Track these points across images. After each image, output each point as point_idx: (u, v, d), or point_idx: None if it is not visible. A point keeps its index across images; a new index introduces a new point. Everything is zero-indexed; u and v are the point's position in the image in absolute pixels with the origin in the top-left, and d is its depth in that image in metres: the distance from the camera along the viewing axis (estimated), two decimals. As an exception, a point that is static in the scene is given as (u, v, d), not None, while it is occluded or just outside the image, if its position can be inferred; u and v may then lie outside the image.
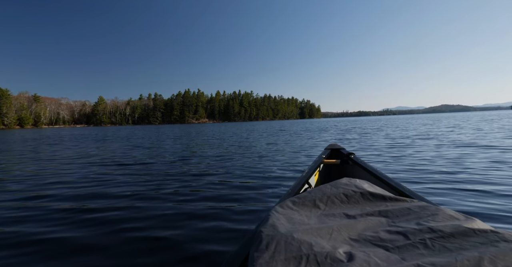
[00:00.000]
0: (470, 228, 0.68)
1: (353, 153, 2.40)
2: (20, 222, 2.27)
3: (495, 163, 4.00)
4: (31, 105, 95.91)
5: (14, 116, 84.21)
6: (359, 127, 19.45)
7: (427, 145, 6.74)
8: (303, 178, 1.76)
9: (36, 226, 2.17)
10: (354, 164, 2.29)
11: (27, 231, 2.07)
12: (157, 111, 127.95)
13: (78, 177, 4.14)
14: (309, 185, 1.85)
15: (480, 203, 2.31)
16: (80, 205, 2.69)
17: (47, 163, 5.74)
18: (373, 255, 0.62)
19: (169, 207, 2.52)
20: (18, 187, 3.58)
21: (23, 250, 1.78)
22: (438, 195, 2.57)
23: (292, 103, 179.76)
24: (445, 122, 21.63)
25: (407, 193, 1.37)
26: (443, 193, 2.64)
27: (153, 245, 1.78)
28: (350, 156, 2.37)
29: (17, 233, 2.04)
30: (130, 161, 5.74)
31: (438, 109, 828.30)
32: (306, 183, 1.78)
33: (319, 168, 2.30)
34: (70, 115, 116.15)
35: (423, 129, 13.49)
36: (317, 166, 2.16)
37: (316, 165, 2.13)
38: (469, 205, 2.28)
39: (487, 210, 2.15)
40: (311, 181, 1.95)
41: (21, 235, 2.00)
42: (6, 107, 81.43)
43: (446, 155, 4.96)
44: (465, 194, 2.57)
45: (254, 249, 0.72)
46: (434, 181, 3.12)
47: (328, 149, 2.79)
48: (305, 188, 1.74)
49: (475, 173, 3.43)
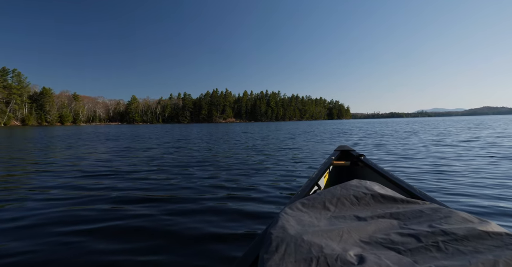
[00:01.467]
0: (485, 231, 0.67)
1: (363, 155, 2.35)
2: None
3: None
4: (71, 104, 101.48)
5: (55, 114, 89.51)
6: (381, 130, 17.12)
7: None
8: (312, 179, 1.74)
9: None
10: (364, 165, 2.24)
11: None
12: (186, 110, 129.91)
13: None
14: (318, 187, 1.83)
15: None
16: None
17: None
18: (384, 258, 0.62)
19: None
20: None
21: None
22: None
23: (320, 104, 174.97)
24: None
25: (418, 195, 1.35)
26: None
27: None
28: (360, 158, 2.32)
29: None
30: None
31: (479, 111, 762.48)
32: (316, 184, 1.77)
33: (329, 169, 2.28)
34: (106, 113, 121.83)
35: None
36: (327, 167, 2.12)
37: (325, 167, 2.10)
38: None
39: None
40: (321, 182, 1.93)
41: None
42: (49, 105, 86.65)
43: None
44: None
45: (264, 251, 0.71)
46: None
47: (338, 150, 2.68)
48: (314, 190, 1.74)
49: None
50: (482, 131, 12.73)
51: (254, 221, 2.13)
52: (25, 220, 2.17)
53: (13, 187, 3.33)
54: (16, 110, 76.72)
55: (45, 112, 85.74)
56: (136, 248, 1.70)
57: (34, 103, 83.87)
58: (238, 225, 2.05)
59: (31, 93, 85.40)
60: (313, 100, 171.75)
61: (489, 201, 2.46)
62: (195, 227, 2.01)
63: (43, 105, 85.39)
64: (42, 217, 2.23)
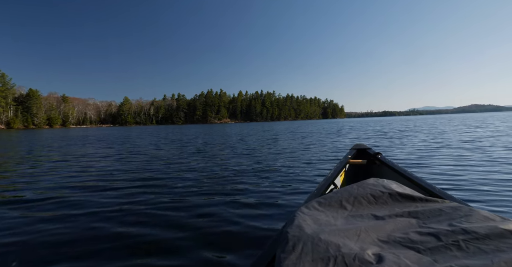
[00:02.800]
0: (507, 229, 0.65)
1: (380, 153, 2.29)
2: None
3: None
4: (60, 106, 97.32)
5: (43, 117, 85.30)
6: (375, 129, 15.91)
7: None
8: (328, 178, 1.73)
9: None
10: (381, 164, 2.20)
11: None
12: (180, 111, 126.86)
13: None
14: (335, 186, 1.82)
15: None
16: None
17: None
18: (403, 257, 0.60)
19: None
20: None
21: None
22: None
23: (315, 103, 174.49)
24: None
25: (437, 194, 1.33)
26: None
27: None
28: (377, 156, 2.27)
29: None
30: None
31: (467, 109, 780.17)
32: (332, 183, 1.76)
33: (345, 168, 2.25)
34: (97, 115, 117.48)
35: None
36: (343, 166, 2.09)
37: (342, 165, 2.07)
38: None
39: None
40: (337, 181, 1.92)
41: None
42: (36, 107, 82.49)
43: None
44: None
45: (281, 250, 0.71)
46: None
47: (354, 148, 2.63)
48: (331, 189, 1.72)
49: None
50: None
51: (269, 221, 2.17)
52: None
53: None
54: (0, 113, 72.69)
55: (32, 115, 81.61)
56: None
57: (20, 106, 79.62)
58: (252, 225, 2.07)
59: (17, 95, 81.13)
60: (308, 100, 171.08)
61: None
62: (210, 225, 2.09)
63: (29, 108, 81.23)
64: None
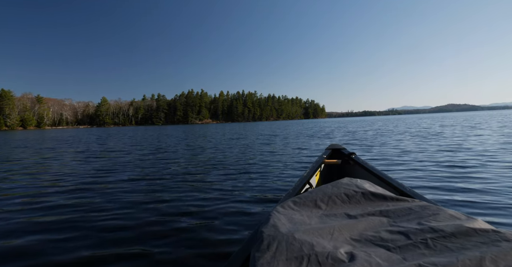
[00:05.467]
0: (472, 228, 0.68)
1: (354, 153, 2.35)
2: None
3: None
4: (34, 107, 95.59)
5: (17, 118, 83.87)
6: (355, 130, 14.92)
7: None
8: (304, 178, 1.75)
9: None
10: (355, 163, 2.24)
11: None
12: (160, 111, 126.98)
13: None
14: (310, 185, 1.84)
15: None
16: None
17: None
18: (374, 255, 0.62)
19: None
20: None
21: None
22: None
23: (296, 103, 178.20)
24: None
25: (408, 193, 1.36)
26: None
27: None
28: (351, 156, 2.33)
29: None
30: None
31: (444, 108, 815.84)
32: (307, 183, 1.77)
33: (320, 168, 2.28)
34: (73, 116, 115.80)
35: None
36: (318, 166, 2.13)
37: (317, 165, 2.10)
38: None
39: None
40: (312, 181, 1.93)
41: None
42: (8, 108, 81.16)
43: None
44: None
45: (256, 249, 0.71)
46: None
47: (329, 148, 2.69)
48: (306, 188, 1.74)
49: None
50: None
51: (244, 221, 2.15)
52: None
53: None
54: (-31, 114, 70.78)
55: (5, 116, 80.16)
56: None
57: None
58: (229, 225, 2.08)
59: (-12, 96, 79.20)
60: (289, 100, 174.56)
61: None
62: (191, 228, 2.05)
63: (2, 109, 79.96)
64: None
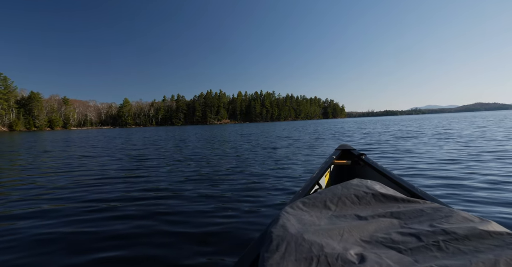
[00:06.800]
0: (485, 230, 0.66)
1: (364, 154, 2.30)
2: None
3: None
4: (61, 108, 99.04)
5: (45, 119, 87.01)
6: (369, 132, 13.40)
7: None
8: (313, 178, 1.74)
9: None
10: (365, 164, 2.21)
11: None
12: (179, 112, 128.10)
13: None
14: (319, 186, 1.83)
15: None
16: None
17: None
18: (385, 257, 0.61)
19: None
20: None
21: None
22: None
23: (315, 103, 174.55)
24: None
25: (419, 194, 1.34)
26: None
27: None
28: (361, 157, 2.28)
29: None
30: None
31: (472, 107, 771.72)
32: (317, 183, 1.77)
33: (330, 168, 2.26)
34: (97, 117, 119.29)
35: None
36: (328, 166, 2.10)
37: (326, 166, 2.08)
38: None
39: None
40: (322, 181, 1.92)
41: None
42: (37, 110, 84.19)
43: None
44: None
45: (265, 250, 0.71)
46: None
47: (339, 149, 2.63)
48: (315, 189, 1.73)
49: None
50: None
51: (254, 220, 2.15)
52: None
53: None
54: (2, 115, 74.31)
55: (34, 117, 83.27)
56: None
57: (22, 108, 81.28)
58: (238, 224, 2.07)
59: (19, 98, 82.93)
60: (308, 100, 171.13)
61: None
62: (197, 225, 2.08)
63: (31, 110, 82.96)
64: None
